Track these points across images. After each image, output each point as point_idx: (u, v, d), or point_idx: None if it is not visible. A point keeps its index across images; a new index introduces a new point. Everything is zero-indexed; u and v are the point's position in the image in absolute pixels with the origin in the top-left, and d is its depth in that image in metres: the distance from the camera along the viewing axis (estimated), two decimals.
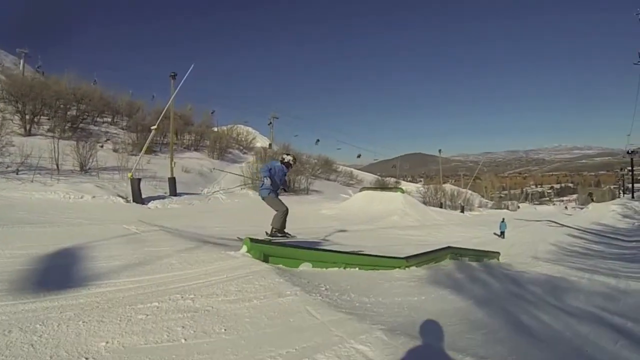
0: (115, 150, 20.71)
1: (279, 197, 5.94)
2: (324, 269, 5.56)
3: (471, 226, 21.78)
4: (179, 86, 17.93)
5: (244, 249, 5.01)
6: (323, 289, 4.04)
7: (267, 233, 5.87)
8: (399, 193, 22.30)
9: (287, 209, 5.80)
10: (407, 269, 6.80)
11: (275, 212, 5.88)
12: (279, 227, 5.76)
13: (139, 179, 15.88)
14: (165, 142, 24.60)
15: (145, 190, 16.72)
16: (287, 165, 5.90)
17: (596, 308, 4.73)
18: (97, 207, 13.59)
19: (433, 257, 7.58)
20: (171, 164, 18.83)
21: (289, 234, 6.07)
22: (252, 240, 5.16)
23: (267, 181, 5.62)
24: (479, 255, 9.41)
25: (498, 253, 10.44)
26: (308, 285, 4.04)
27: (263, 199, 5.82)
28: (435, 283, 5.70)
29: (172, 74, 19.02)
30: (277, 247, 5.31)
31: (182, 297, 3.08)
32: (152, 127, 18.22)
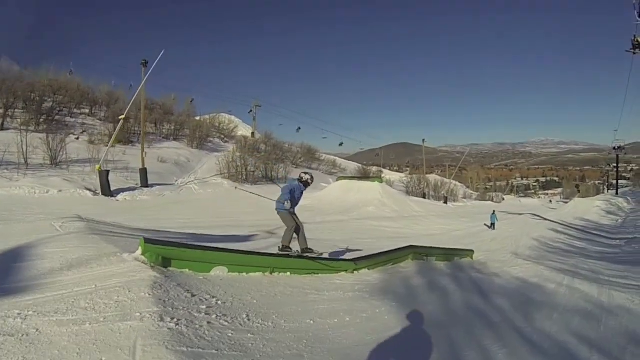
0: (91, 142, 19.81)
1: (294, 214, 5.73)
2: (244, 274, 4.52)
3: (453, 218, 20.93)
4: (149, 73, 17.62)
5: (139, 251, 4.07)
6: (204, 307, 3.12)
7: (279, 248, 5.62)
8: (376, 183, 21.23)
9: (295, 225, 5.54)
10: (356, 272, 5.74)
11: (286, 229, 5.68)
12: (287, 244, 5.55)
13: (108, 171, 15.44)
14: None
15: (117, 182, 16.41)
16: (305, 184, 5.73)
17: (571, 335, 3.73)
18: (62, 201, 13.05)
19: (391, 257, 6.54)
20: (142, 154, 18.21)
21: (310, 250, 5.66)
22: (147, 241, 4.14)
23: (288, 204, 5.43)
24: (449, 254, 8.41)
25: (472, 251, 9.45)
26: (185, 301, 3.14)
27: (278, 213, 5.63)
28: (382, 294, 4.64)
29: (143, 61, 18.24)
30: (181, 250, 4.28)
31: (20, 313, 2.66)
32: (120, 117, 17.63)
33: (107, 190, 15.23)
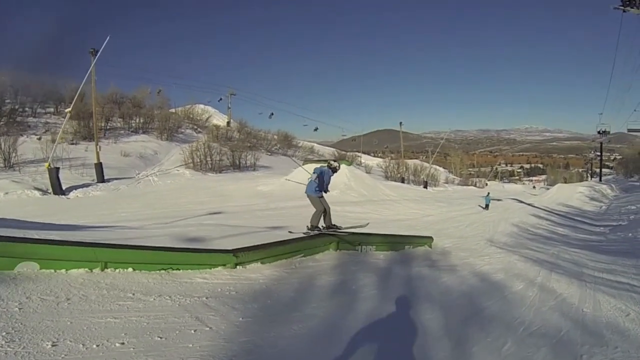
0: (53, 141, 18.63)
1: (322, 198, 6.10)
2: (62, 272, 2.99)
3: (428, 203, 19.44)
4: (94, 61, 17.14)
5: None
6: None
7: (307, 227, 5.90)
8: (343, 165, 19.54)
9: (323, 209, 5.96)
10: (239, 267, 3.98)
11: (315, 211, 6.01)
12: (316, 224, 5.87)
13: (57, 169, 15.01)
14: (108, 127, 23.66)
15: (71, 179, 16.11)
16: (334, 170, 6.19)
17: None
18: (6, 204, 12.22)
19: (301, 247, 4.83)
20: (96, 148, 17.78)
21: (335, 226, 6.07)
22: None
23: (314, 177, 5.77)
24: (397, 242, 6.78)
25: (430, 238, 7.89)
26: None
27: (308, 196, 6.03)
28: (249, 301, 2.94)
29: (92, 49, 17.52)
30: None
31: None
32: (67, 110, 17.20)
33: (57, 189, 14.67)
